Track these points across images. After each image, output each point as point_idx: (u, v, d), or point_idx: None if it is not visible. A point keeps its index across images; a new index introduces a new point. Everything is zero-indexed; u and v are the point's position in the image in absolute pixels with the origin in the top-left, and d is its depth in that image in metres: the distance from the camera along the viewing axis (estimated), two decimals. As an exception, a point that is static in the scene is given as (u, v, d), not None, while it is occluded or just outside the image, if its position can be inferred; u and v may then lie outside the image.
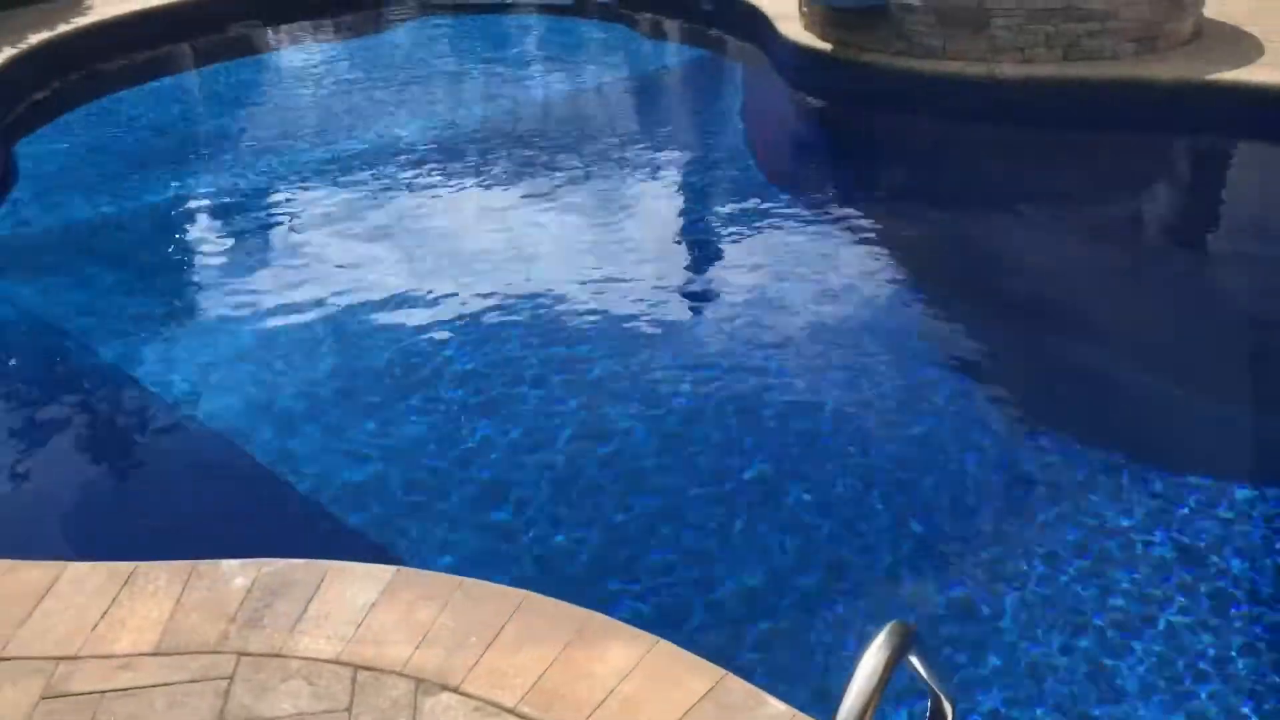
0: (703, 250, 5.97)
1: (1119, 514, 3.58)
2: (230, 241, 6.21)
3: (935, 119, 7.57)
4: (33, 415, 4.58)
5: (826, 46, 8.04)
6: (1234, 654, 3.06)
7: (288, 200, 6.77)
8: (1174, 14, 7.43)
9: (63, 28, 9.41)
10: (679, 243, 6.05)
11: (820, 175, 7.36)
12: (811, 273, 5.41)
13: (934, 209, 6.45)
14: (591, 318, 5.02)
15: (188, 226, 6.57)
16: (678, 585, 3.39)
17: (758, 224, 6.11)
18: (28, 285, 5.70)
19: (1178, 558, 3.39)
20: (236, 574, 2.92)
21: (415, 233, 6.18)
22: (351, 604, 2.81)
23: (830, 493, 3.77)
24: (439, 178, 7.00)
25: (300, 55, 10.76)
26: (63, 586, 2.90)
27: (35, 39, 9.01)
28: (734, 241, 5.97)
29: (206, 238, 6.36)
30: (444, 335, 4.87)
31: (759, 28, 9.17)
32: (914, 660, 1.65)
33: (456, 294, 5.23)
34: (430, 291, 5.28)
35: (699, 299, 5.35)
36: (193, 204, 6.81)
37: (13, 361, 5.04)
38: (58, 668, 2.64)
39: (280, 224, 6.41)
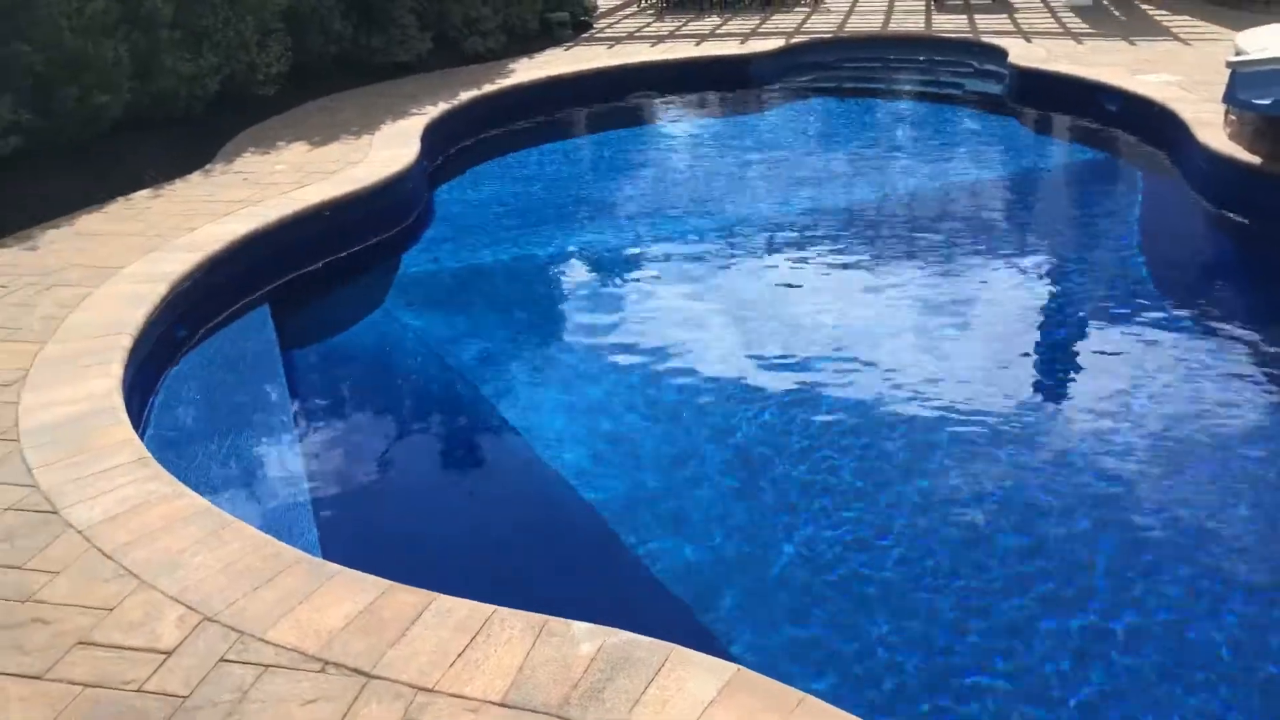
0: (1074, 362, 5.48)
1: None
2: (602, 297, 6.54)
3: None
4: (414, 442, 5.00)
5: (1255, 159, 7.19)
6: None
7: (656, 263, 7.04)
8: None
9: (488, 88, 10.50)
10: (1049, 349, 5.61)
11: (1234, 300, 6.53)
12: (1211, 410, 4.78)
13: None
14: (936, 415, 4.75)
15: (563, 280, 7.01)
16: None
17: (1148, 344, 5.52)
18: (430, 320, 6.29)
19: None
20: (584, 638, 2.95)
21: (774, 310, 6.19)
22: (690, 696, 2.73)
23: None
24: (800, 256, 7.01)
25: (682, 127, 11.29)
26: (430, 616, 3.07)
27: (466, 96, 10.12)
28: (1114, 359, 5.42)
29: (579, 292, 6.75)
30: (789, 418, 4.79)
31: (1171, 133, 8.42)
32: None
33: (804, 375, 5.15)
34: (784, 371, 5.24)
35: (1065, 413, 4.89)
36: (570, 259, 7.27)
37: (405, 390, 5.55)
38: (416, 697, 2.77)
39: (648, 286, 6.67)
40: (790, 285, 6.60)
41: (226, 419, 5.01)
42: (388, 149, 8.19)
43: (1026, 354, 5.57)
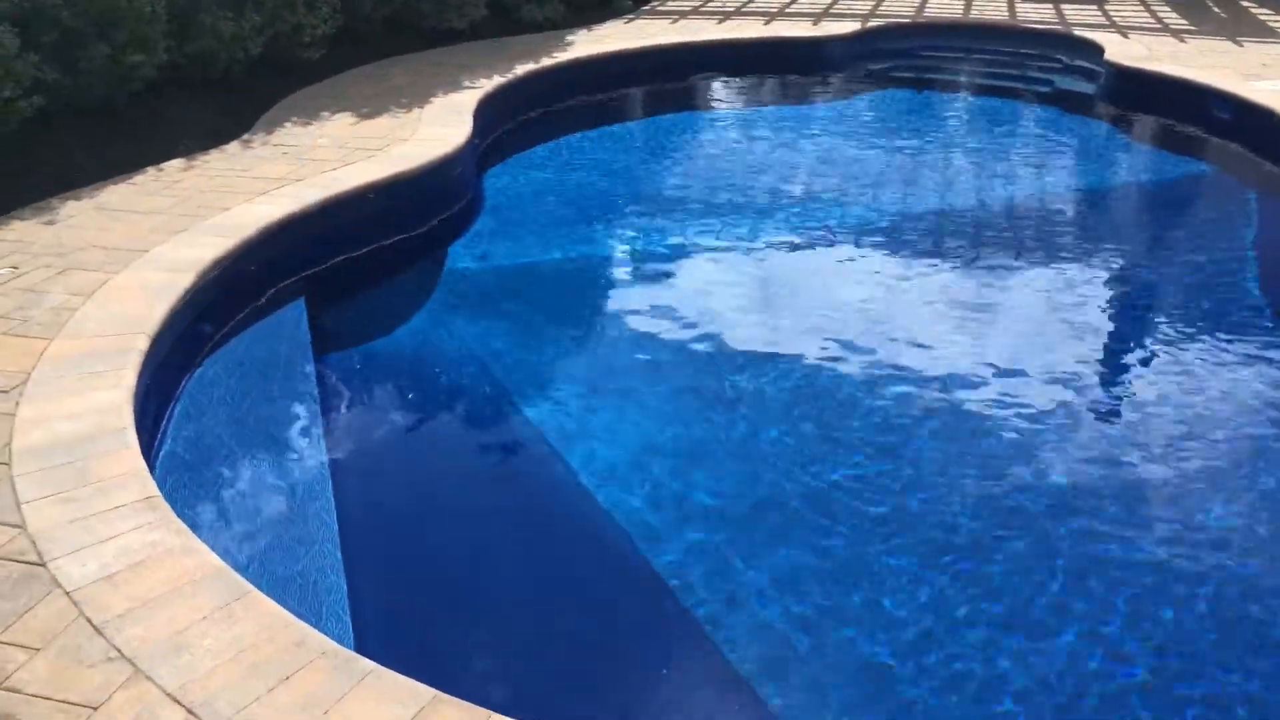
0: (1183, 401, 4.85)
1: None
2: (655, 300, 5.97)
3: None
4: (464, 489, 4.41)
5: (1401, 188, 6.46)
6: None
7: (726, 266, 6.43)
8: None
9: (546, 61, 9.83)
10: (1151, 386, 5.02)
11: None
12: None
13: None
14: (1000, 428, 4.21)
15: (624, 282, 6.40)
16: None
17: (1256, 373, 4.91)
18: (476, 324, 5.72)
19: None
20: (671, 794, 2.38)
21: (832, 309, 5.72)
22: None
23: None
24: (861, 253, 6.53)
25: (750, 113, 10.63)
26: (480, 746, 2.50)
27: (522, 69, 9.46)
28: (1234, 397, 4.79)
29: (642, 295, 6.12)
30: (862, 445, 4.19)
31: (1295, 149, 7.67)
32: None
33: (902, 403, 4.54)
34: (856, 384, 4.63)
35: (1181, 457, 4.27)
36: (632, 257, 6.66)
37: (452, 417, 4.98)
38: None
39: (720, 292, 6.06)
40: (874, 294, 5.98)
41: (249, 444, 4.40)
42: (437, 125, 7.58)
43: (1130, 389, 4.96)
